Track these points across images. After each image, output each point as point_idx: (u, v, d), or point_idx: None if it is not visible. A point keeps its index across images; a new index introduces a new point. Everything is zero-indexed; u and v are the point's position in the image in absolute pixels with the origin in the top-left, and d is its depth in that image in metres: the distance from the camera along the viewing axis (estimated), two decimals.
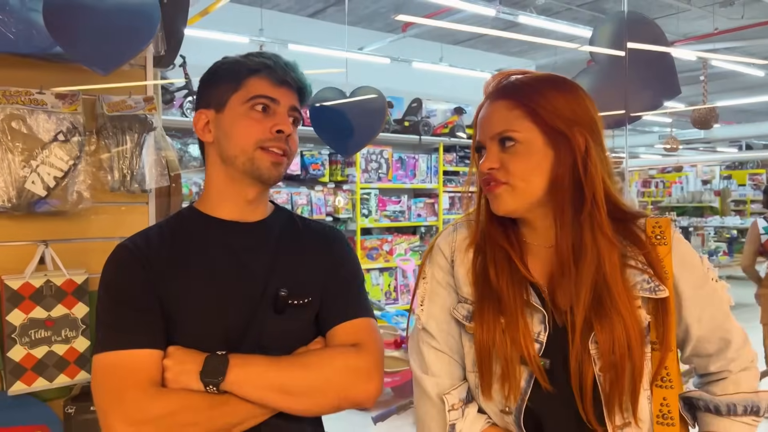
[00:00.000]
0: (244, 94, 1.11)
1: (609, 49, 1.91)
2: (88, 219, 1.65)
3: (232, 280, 1.10)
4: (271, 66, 1.11)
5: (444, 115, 6.62)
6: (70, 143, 1.56)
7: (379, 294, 5.99)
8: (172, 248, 1.11)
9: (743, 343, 1.07)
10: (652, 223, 1.04)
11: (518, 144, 0.99)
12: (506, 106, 1.01)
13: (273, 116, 1.11)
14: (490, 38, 7.54)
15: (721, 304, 1.06)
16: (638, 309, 0.98)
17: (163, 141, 1.75)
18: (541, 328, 1.00)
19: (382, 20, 7.19)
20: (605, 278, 0.97)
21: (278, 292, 1.11)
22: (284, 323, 1.11)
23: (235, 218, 1.15)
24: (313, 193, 5.62)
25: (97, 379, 1.03)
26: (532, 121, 0.99)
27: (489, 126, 1.03)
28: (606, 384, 0.96)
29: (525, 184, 0.99)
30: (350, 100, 2.34)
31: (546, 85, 1.01)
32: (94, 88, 1.63)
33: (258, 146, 1.09)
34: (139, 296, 1.05)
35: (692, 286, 1.04)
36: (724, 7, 6.67)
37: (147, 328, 1.04)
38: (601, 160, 1.00)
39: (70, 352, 1.53)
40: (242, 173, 1.11)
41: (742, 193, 13.03)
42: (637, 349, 0.96)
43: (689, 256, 1.05)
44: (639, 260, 1.00)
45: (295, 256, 1.17)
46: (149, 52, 1.72)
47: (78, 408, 1.48)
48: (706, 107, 7.49)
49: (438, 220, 6.45)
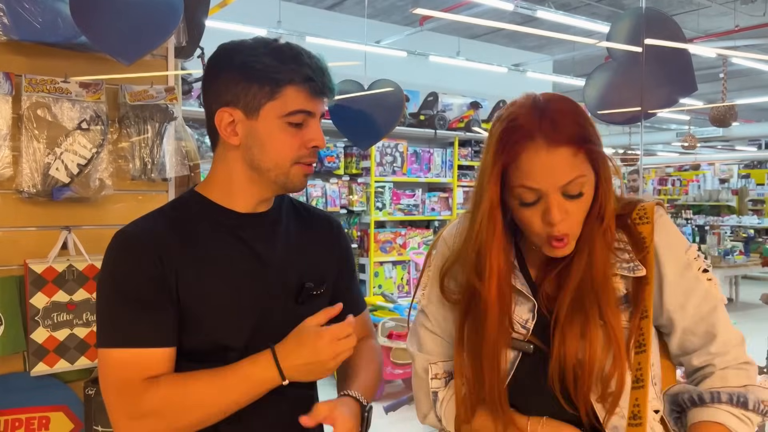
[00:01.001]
0: (281, 106, 1.04)
1: (626, 45, 1.90)
2: (110, 206, 1.69)
3: (250, 271, 1.09)
4: (311, 77, 1.05)
5: (460, 110, 6.61)
6: (93, 131, 1.59)
7: (392, 287, 6.02)
8: (185, 239, 1.06)
9: (735, 343, 1.03)
10: (638, 207, 1.06)
11: (585, 190, 0.97)
12: (571, 153, 0.94)
13: (307, 129, 1.07)
14: (507, 32, 7.51)
15: (707, 296, 1.03)
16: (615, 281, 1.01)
17: (183, 131, 1.78)
18: (529, 316, 1.04)
19: (400, 13, 7.18)
20: (593, 277, 0.99)
21: (303, 283, 1.13)
22: (303, 313, 1.11)
23: (248, 211, 1.12)
24: (327, 186, 5.65)
25: (103, 374, 1.01)
26: (589, 160, 0.96)
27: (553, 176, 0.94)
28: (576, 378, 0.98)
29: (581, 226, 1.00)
30: (369, 93, 2.35)
31: (578, 110, 0.98)
32: (117, 78, 1.66)
33: (294, 162, 1.07)
34: (150, 293, 1.01)
35: (674, 270, 1.03)
36: (745, 4, 6.58)
37: (157, 327, 1.01)
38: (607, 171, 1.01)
39: (91, 336, 1.57)
40: (272, 182, 1.09)
41: (761, 192, 12.86)
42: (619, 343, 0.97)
43: (674, 239, 1.05)
44: (622, 240, 1.03)
45: (306, 245, 1.18)
46: (171, 42, 1.75)
47: (98, 390, 1.51)
48: (725, 105, 7.41)
49: (452, 214, 6.45)
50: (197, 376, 1.01)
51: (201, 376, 1.01)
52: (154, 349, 1.01)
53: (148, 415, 0.98)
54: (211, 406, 1.00)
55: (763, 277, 9.46)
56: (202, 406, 0.99)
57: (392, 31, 7.27)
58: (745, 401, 0.99)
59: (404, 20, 7.37)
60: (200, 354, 1.06)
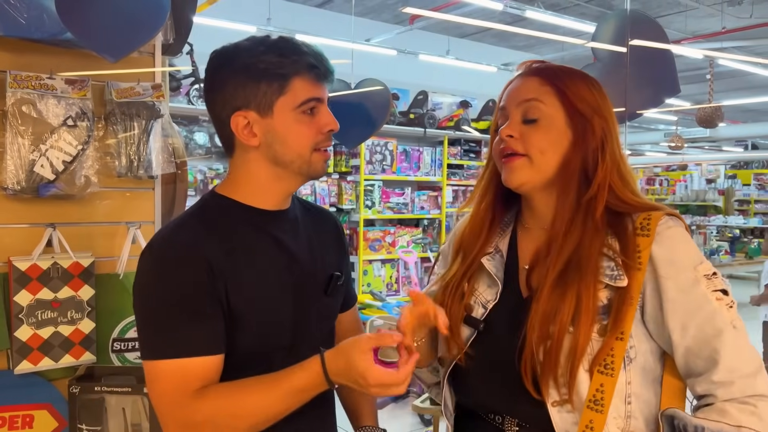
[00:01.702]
0: (292, 99, 1.06)
1: (611, 45, 1.92)
2: (95, 203, 1.68)
3: (286, 267, 1.12)
4: (314, 64, 1.07)
5: (449, 108, 6.62)
6: (79, 128, 1.58)
7: (381, 285, 6.02)
8: (226, 242, 1.06)
9: (745, 372, 0.93)
10: (643, 216, 1.01)
11: (542, 118, 1.03)
12: (538, 82, 1.06)
13: (319, 115, 1.09)
14: (497, 32, 7.53)
15: (713, 318, 0.94)
16: (599, 291, 0.98)
17: (170, 128, 1.77)
18: (492, 297, 1.08)
19: (390, 12, 7.18)
20: (579, 259, 0.99)
21: (331, 274, 1.19)
22: (331, 303, 1.21)
23: (274, 208, 1.14)
24: (317, 183, 5.64)
25: (155, 385, 1.01)
26: (558, 99, 1.04)
27: (516, 94, 1.07)
28: (543, 353, 0.97)
29: (541, 157, 1.03)
30: (355, 91, 2.35)
31: (575, 74, 1.07)
32: (103, 74, 1.66)
33: (314, 149, 1.09)
34: (203, 301, 1.01)
35: (677, 286, 0.96)
36: (732, 6, 6.64)
37: (209, 335, 1.02)
38: (615, 153, 1.04)
39: (76, 334, 1.56)
40: (296, 174, 1.11)
41: (747, 193, 13.00)
42: (584, 325, 0.95)
43: (681, 253, 0.98)
44: (613, 248, 1.00)
45: (321, 239, 1.23)
46: (158, 39, 1.74)
47: (82, 388, 1.51)
48: (712, 106, 7.48)
49: (441, 213, 6.47)
50: (248, 384, 1.01)
51: (251, 384, 1.01)
52: (208, 357, 1.01)
53: (201, 425, 0.99)
54: (262, 414, 1.00)
55: (749, 276, 9.55)
56: (253, 415, 1.00)
57: (382, 29, 7.27)
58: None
59: (394, 19, 7.37)
60: (248, 356, 1.07)
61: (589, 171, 1.03)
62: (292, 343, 1.11)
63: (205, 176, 4.88)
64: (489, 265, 1.10)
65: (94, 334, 1.59)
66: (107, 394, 1.51)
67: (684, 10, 6.94)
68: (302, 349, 1.11)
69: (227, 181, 1.15)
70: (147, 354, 1.03)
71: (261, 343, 1.08)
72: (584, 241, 1.00)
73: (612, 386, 0.95)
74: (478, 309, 1.09)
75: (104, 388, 1.51)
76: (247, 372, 1.05)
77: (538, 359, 0.97)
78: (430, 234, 6.46)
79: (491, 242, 1.13)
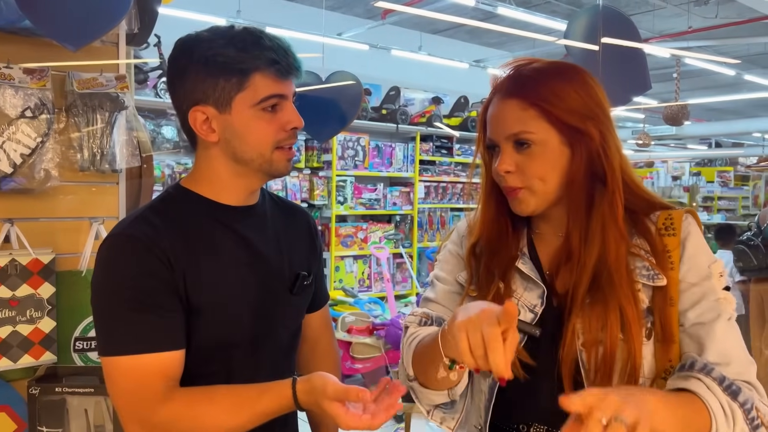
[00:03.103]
0: (251, 95, 1.02)
1: (583, 42, 1.93)
2: (56, 198, 1.62)
3: (249, 264, 1.10)
4: (276, 60, 1.03)
5: (422, 104, 6.62)
6: (38, 120, 1.53)
7: (353, 281, 6.01)
8: (186, 237, 1.04)
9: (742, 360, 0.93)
10: (664, 216, 1.00)
11: (535, 146, 0.97)
12: (519, 106, 0.98)
13: (282, 111, 1.06)
14: (469, 28, 7.55)
15: (715, 306, 0.95)
16: (638, 292, 0.96)
17: (135, 121, 1.72)
18: (538, 301, 1.01)
19: (362, 6, 7.14)
20: (608, 266, 0.95)
21: (297, 273, 1.16)
22: (296, 303, 1.18)
23: (240, 203, 1.12)
24: (288, 179, 5.59)
25: (114, 382, 0.99)
26: (546, 121, 0.97)
27: (502, 126, 1.00)
28: (590, 363, 0.94)
29: (542, 185, 0.99)
30: (326, 85, 2.33)
31: (556, 79, 0.99)
32: (63, 64, 1.60)
33: (275, 147, 1.06)
34: (162, 296, 1.00)
35: (693, 279, 0.97)
36: (698, 6, 6.77)
37: (169, 330, 1.00)
38: (617, 149, 1.00)
39: (35, 333, 1.51)
40: (257, 171, 1.08)
41: (710, 190, 13.31)
42: (635, 331, 0.92)
43: (700, 251, 0.98)
44: (644, 248, 0.98)
45: (290, 237, 1.20)
46: (122, 29, 1.69)
47: (43, 389, 1.46)
48: (678, 104, 7.63)
49: (413, 208, 6.47)
50: (213, 397, 0.99)
51: (217, 397, 0.99)
52: (167, 353, 0.99)
53: (160, 427, 0.97)
54: (223, 428, 0.98)
55: None
56: (214, 428, 0.97)
57: (354, 23, 7.22)
58: (737, 391, 0.87)
59: (366, 13, 7.33)
60: (207, 352, 1.05)
61: (598, 175, 0.99)
62: (253, 341, 1.09)
63: (173, 171, 4.79)
64: (524, 267, 1.04)
65: (54, 333, 1.53)
66: (69, 395, 1.46)
67: (652, 9, 7.05)
68: (265, 347, 1.11)
69: (191, 174, 1.12)
70: (104, 350, 1.00)
71: (220, 339, 1.06)
72: (609, 245, 0.96)
73: None
74: (526, 313, 1.02)
75: (66, 388, 1.46)
76: (208, 367, 1.04)
77: (585, 369, 0.94)
78: (402, 230, 6.46)
79: (515, 246, 1.07)
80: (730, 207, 12.41)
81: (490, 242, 1.07)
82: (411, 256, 6.41)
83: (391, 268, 6.16)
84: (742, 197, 12.39)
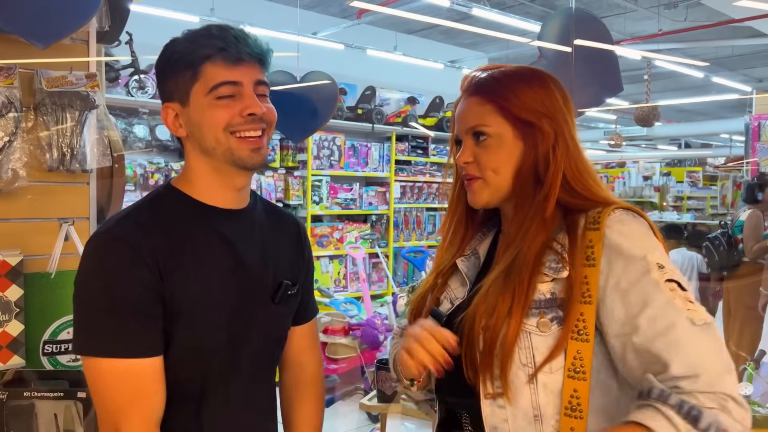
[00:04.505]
0: (203, 85, 1.04)
1: (556, 44, 1.95)
2: (24, 198, 1.59)
3: (232, 270, 1.08)
4: (223, 47, 1.03)
5: (397, 104, 6.63)
6: (5, 119, 1.50)
7: (329, 281, 5.98)
8: (172, 240, 1.04)
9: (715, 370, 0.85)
10: (596, 211, 0.99)
11: (489, 138, 1.04)
12: (478, 102, 1.06)
13: (240, 99, 1.05)
14: (443, 29, 7.58)
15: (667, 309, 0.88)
16: (540, 283, 0.97)
17: (106, 120, 1.70)
18: (462, 294, 1.09)
19: (337, 5, 7.12)
20: (521, 252, 1.00)
21: (280, 282, 1.14)
22: (279, 312, 1.16)
23: (227, 206, 1.11)
24: (263, 179, 5.55)
25: (92, 383, 0.99)
26: (501, 115, 1.03)
27: (464, 121, 1.08)
28: (482, 345, 0.97)
29: (495, 176, 1.04)
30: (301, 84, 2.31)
31: (516, 80, 1.06)
32: (32, 62, 1.57)
33: (229, 131, 1.04)
34: (145, 300, 0.99)
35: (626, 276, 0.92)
36: (668, 9, 6.91)
37: (150, 336, 1.00)
38: (568, 150, 1.03)
39: (3, 336, 1.47)
40: (225, 163, 1.07)
41: (680, 190, 13.55)
42: (515, 314, 0.94)
43: (629, 244, 0.94)
44: (561, 243, 0.99)
45: (278, 244, 1.19)
46: (92, 26, 1.66)
47: (10, 393, 1.42)
48: (649, 106, 7.76)
49: (389, 208, 6.47)
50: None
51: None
52: (145, 359, 0.99)
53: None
54: None
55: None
56: None
57: (329, 23, 7.20)
58: (697, 417, 0.80)
59: (341, 13, 7.32)
60: (184, 357, 1.04)
61: (541, 173, 1.02)
62: (230, 348, 1.08)
63: (146, 170, 4.71)
64: (462, 265, 1.12)
65: (23, 336, 1.50)
66: (37, 400, 1.43)
67: (623, 12, 7.17)
68: (242, 354, 1.09)
69: (181, 174, 1.13)
70: (81, 349, 1.00)
71: (197, 344, 1.05)
72: (526, 235, 1.00)
73: (585, 391, 0.92)
74: (446, 304, 1.11)
75: (34, 393, 1.43)
76: (184, 372, 1.03)
77: (477, 351, 0.98)
78: (378, 230, 6.46)
79: (468, 246, 1.15)
80: (699, 206, 12.67)
81: (449, 239, 1.16)
82: (387, 255, 6.41)
83: (367, 268, 6.15)
84: (711, 197, 12.65)
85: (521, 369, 0.96)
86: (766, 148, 5.76)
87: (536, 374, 0.95)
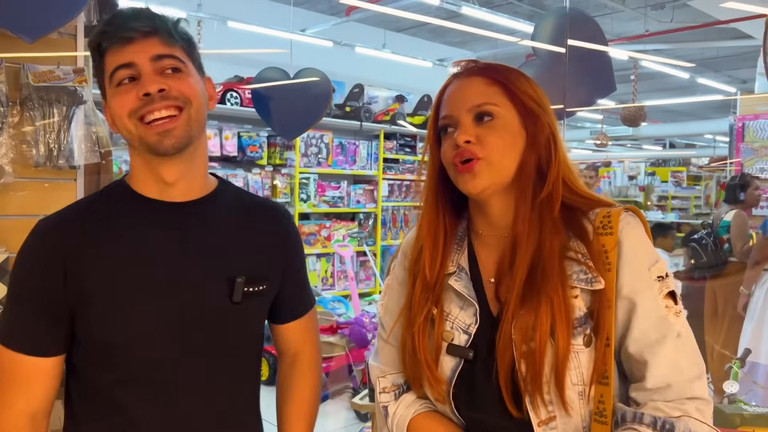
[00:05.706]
0: (107, 76, 1.00)
1: (550, 44, 1.95)
2: (10, 195, 1.56)
3: (163, 264, 1.01)
4: (107, 32, 0.98)
5: (385, 102, 6.62)
6: None
7: (316, 279, 5.96)
8: (100, 230, 1.00)
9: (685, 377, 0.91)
10: (603, 213, 0.98)
11: (497, 119, 0.97)
12: (484, 83, 0.99)
13: (140, 81, 0.98)
14: (432, 27, 7.59)
15: (659, 325, 0.92)
16: (573, 298, 0.93)
17: (94, 115, 1.67)
18: (472, 320, 0.99)
19: (326, 2, 7.10)
20: (542, 262, 0.94)
21: (234, 279, 1.04)
22: (242, 311, 1.06)
23: (170, 198, 1.05)
24: (250, 176, 5.52)
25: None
26: (509, 99, 0.99)
27: (463, 99, 0.99)
28: (526, 371, 0.92)
29: (501, 160, 0.96)
30: (294, 81, 2.29)
31: (516, 71, 1.03)
32: (19, 56, 1.53)
33: (137, 118, 0.97)
34: (43, 295, 0.98)
35: (631, 288, 0.94)
36: (655, 10, 6.96)
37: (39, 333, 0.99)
38: (562, 149, 1.01)
39: None
40: (145, 152, 1.01)
41: (665, 189, 13.67)
42: (561, 336, 0.90)
43: (638, 252, 0.96)
44: (580, 251, 0.95)
45: (245, 237, 1.10)
46: (80, 20, 1.63)
47: None
48: (635, 106, 7.81)
49: (377, 206, 6.47)
50: None
51: None
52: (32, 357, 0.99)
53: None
54: None
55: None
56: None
57: (318, 20, 7.18)
58: (671, 429, 0.87)
59: (330, 10, 7.29)
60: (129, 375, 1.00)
61: (543, 168, 0.99)
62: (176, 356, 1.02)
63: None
64: (458, 285, 1.01)
65: None
66: None
67: (610, 12, 7.21)
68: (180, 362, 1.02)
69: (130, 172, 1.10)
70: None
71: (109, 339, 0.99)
72: (544, 242, 0.95)
73: (610, 395, 0.92)
74: (460, 336, 0.99)
75: None
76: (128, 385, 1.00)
77: (522, 377, 0.92)
78: (366, 228, 6.45)
79: (450, 260, 1.04)
80: (683, 206, 12.78)
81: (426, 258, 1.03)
82: (375, 254, 6.41)
83: (355, 266, 6.14)
84: (695, 197, 12.77)
85: (571, 389, 0.92)
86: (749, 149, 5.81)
87: (588, 391, 0.93)
